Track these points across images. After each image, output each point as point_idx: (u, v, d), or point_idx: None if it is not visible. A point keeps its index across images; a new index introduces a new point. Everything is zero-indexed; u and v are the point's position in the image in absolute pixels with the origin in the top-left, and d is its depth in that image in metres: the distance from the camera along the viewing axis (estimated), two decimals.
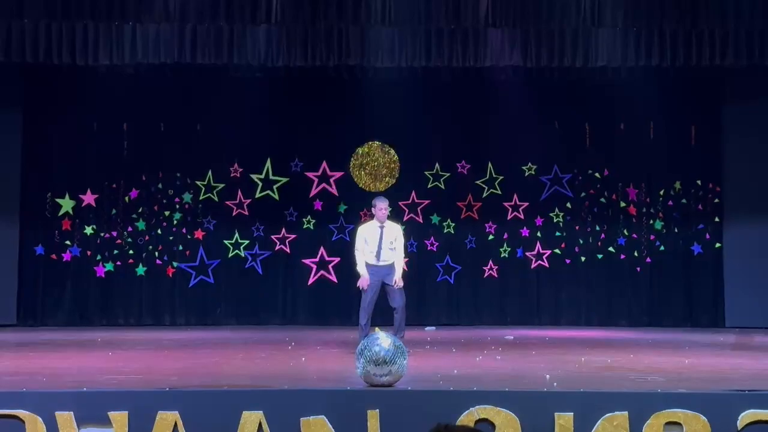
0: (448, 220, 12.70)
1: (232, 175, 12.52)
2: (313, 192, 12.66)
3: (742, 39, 10.30)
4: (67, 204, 12.27)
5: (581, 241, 12.67)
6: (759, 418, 5.63)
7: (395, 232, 8.89)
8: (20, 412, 5.58)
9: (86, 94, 11.99)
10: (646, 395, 5.85)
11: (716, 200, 12.54)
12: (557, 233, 12.68)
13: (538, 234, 12.67)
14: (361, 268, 8.88)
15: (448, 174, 12.73)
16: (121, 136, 12.37)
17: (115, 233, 12.32)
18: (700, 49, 10.38)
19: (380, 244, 8.75)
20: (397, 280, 8.75)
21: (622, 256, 12.61)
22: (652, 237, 12.62)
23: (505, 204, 12.70)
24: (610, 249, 12.64)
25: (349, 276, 12.57)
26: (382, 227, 8.85)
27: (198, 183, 12.49)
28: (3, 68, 10.88)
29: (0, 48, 10.18)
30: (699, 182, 12.57)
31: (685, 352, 9.06)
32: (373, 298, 8.77)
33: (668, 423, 5.62)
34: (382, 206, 8.92)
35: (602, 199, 12.69)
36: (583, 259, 12.65)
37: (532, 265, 12.67)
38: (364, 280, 8.81)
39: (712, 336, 11.03)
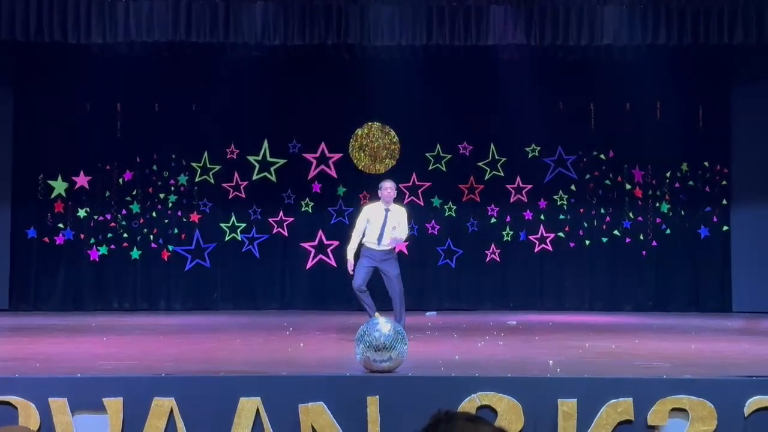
0: (450, 202, 12.70)
1: (228, 156, 12.51)
2: (312, 174, 12.65)
3: (751, 16, 10.28)
4: (59, 186, 12.27)
5: (585, 225, 12.68)
6: (766, 404, 5.63)
7: (400, 216, 8.82)
8: (13, 399, 5.59)
9: (79, 73, 11.97)
10: (651, 381, 5.84)
11: (724, 182, 12.54)
12: (561, 216, 12.69)
13: (542, 217, 12.68)
14: (350, 254, 8.82)
15: (450, 156, 12.72)
16: (115, 117, 12.36)
17: (108, 216, 12.33)
18: (708, 27, 10.35)
19: (383, 227, 8.71)
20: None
21: (628, 240, 12.62)
22: (658, 220, 12.63)
23: (508, 186, 12.70)
24: (615, 232, 12.65)
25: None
26: (387, 210, 8.81)
27: (194, 165, 12.48)
28: None
29: None
30: (706, 164, 12.56)
31: (691, 337, 9.08)
32: (365, 279, 8.69)
33: (674, 409, 5.62)
34: (389, 187, 8.85)
35: (607, 182, 12.68)
36: (587, 242, 12.66)
37: (536, 249, 12.69)
38: (351, 265, 8.78)
39: (719, 321, 11.05)
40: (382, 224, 8.71)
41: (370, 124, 12.66)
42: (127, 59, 11.68)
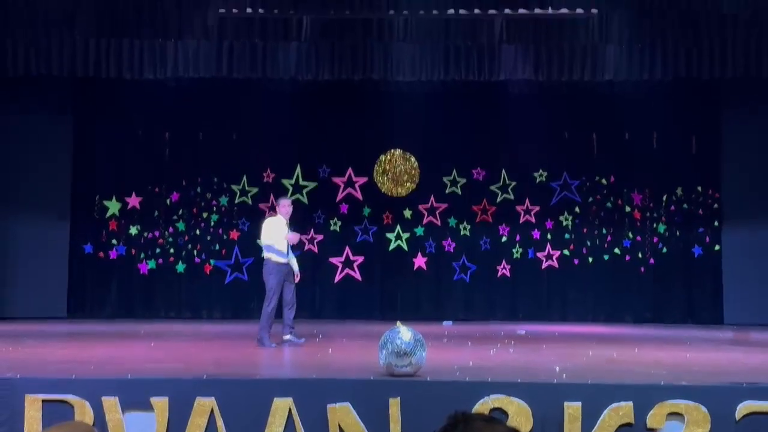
0: (465, 222, 12.64)
1: (264, 180, 12.55)
2: (340, 196, 12.65)
3: (740, 53, 10.21)
4: (113, 206, 12.35)
5: (589, 243, 12.58)
6: (756, 409, 5.56)
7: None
8: (69, 398, 5.61)
9: (132, 104, 12.06)
10: (650, 387, 5.78)
11: (715, 206, 12.41)
12: (566, 235, 12.60)
13: (549, 236, 12.59)
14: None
15: (465, 180, 12.68)
16: (164, 144, 12.44)
17: (157, 233, 12.39)
18: (700, 64, 10.30)
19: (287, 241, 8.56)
20: (297, 273, 8.67)
21: (627, 258, 12.51)
22: (655, 239, 12.51)
23: (518, 208, 12.64)
24: (616, 251, 12.54)
25: (372, 274, 12.63)
26: (288, 225, 8.67)
27: (233, 187, 12.52)
28: (56, 80, 11.00)
29: (54, 61, 10.30)
30: (699, 189, 12.45)
31: (687, 347, 8.96)
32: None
33: (671, 413, 5.57)
34: (285, 203, 8.75)
35: (608, 204, 12.59)
36: (590, 259, 12.56)
37: (543, 265, 12.59)
38: (295, 236, 8.67)
39: (712, 332, 10.91)
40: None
41: (392, 151, 12.66)
42: (175, 92, 11.77)
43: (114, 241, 12.32)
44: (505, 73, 10.57)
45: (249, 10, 9.63)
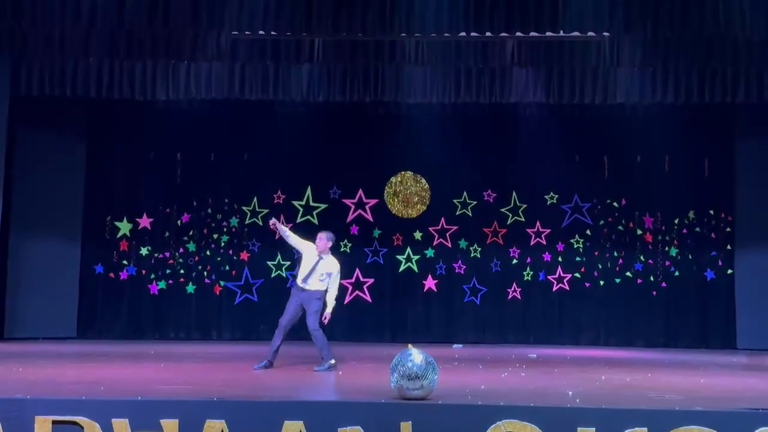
0: (475, 244, 12.62)
1: (275, 201, 12.57)
2: (350, 218, 12.66)
3: (753, 78, 10.21)
4: (124, 227, 12.38)
5: (600, 266, 12.52)
6: None
7: (330, 266, 8.50)
8: (80, 419, 5.58)
9: (144, 125, 12.14)
10: (665, 413, 5.71)
11: (728, 229, 12.35)
12: (577, 258, 12.55)
13: (560, 259, 12.55)
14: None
15: (476, 202, 12.67)
16: (175, 165, 12.49)
17: (168, 254, 12.40)
18: (712, 88, 10.30)
19: (312, 271, 8.43)
20: (327, 315, 8.43)
21: (639, 281, 12.44)
22: (667, 263, 12.44)
23: (529, 230, 12.60)
24: (628, 274, 12.48)
25: (383, 296, 12.59)
26: (320, 258, 8.49)
27: (244, 208, 12.54)
28: (70, 102, 11.08)
29: (67, 84, 10.39)
30: (712, 212, 12.39)
31: (700, 372, 8.88)
32: (292, 319, 8.51)
33: None
34: (322, 237, 8.59)
35: (620, 227, 12.55)
36: (601, 283, 12.50)
37: (554, 288, 12.54)
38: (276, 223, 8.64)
39: (725, 357, 10.81)
40: (312, 267, 8.43)
41: (403, 172, 12.67)
42: (187, 113, 11.83)
43: (125, 262, 12.33)
44: (517, 96, 10.60)
45: (261, 32, 9.68)
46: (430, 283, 12.59)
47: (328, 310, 8.44)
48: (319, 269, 8.46)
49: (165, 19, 9.00)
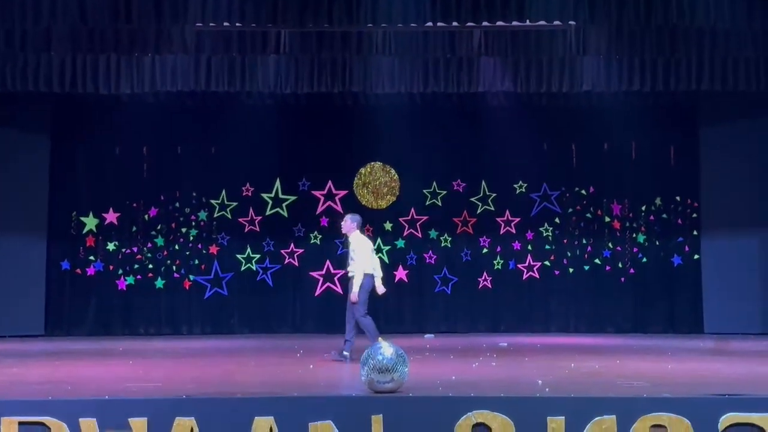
0: (445, 234, 12.64)
1: (244, 194, 12.49)
2: (320, 209, 12.61)
3: (717, 66, 10.29)
4: (91, 222, 12.23)
5: (569, 254, 12.61)
6: (739, 420, 5.56)
7: (352, 244, 8.66)
8: (46, 419, 5.52)
9: (109, 120, 11.99)
10: (633, 400, 5.77)
11: (694, 215, 12.49)
12: (547, 246, 12.63)
13: (529, 247, 12.62)
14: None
15: (445, 192, 12.69)
16: (141, 159, 12.35)
17: (135, 249, 12.28)
18: (677, 76, 10.37)
19: (347, 257, 8.64)
20: (379, 288, 8.60)
21: (608, 268, 12.56)
22: (635, 249, 12.57)
23: (498, 219, 12.65)
24: (597, 261, 12.58)
25: None
26: (347, 240, 8.77)
27: (212, 202, 12.45)
28: (33, 97, 10.89)
29: (30, 78, 10.19)
30: (678, 198, 12.53)
31: (668, 357, 8.99)
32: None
33: (654, 426, 5.55)
34: (346, 219, 8.87)
35: (588, 215, 12.64)
36: (571, 270, 12.59)
37: (524, 277, 12.61)
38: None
39: (693, 342, 10.96)
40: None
41: (372, 163, 12.65)
42: (152, 107, 11.70)
43: (91, 258, 12.19)
44: (484, 85, 10.59)
45: (226, 23, 9.58)
46: (400, 273, 12.61)
47: (377, 283, 8.55)
48: (349, 252, 8.71)
49: (128, 14, 8.88)
